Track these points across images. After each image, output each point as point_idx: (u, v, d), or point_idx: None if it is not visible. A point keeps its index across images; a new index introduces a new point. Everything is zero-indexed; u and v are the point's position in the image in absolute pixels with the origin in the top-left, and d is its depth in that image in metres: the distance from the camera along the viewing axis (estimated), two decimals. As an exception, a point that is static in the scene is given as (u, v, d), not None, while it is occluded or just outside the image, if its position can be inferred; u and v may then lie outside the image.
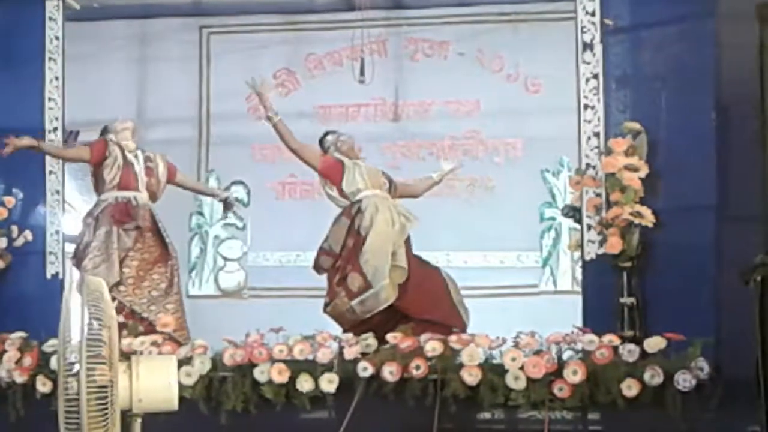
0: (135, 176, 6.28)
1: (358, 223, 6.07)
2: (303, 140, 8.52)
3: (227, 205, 6.82)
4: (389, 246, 5.99)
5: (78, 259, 6.25)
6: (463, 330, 5.75)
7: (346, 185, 6.19)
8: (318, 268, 6.24)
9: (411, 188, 6.58)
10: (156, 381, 3.22)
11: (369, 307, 5.89)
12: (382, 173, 6.38)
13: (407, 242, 6.16)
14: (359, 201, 6.14)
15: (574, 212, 5.82)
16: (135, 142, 6.37)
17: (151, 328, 5.90)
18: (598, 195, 5.51)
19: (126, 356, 3.34)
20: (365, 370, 5.14)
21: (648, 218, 5.29)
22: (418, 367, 5.08)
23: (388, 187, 6.31)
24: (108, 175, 6.25)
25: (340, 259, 6.08)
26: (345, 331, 5.77)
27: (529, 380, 4.99)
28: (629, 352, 5.00)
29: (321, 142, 6.43)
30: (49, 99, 6.39)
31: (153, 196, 6.39)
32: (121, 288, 6.10)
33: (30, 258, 6.27)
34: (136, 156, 6.33)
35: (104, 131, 6.39)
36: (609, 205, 5.41)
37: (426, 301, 6.00)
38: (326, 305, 6.09)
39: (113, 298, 5.98)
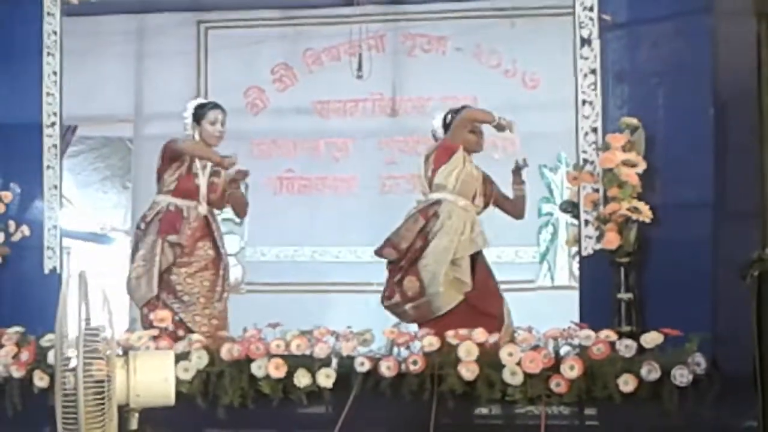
0: (196, 186, 6.20)
1: (431, 226, 5.89)
2: (299, 135, 8.60)
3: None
4: (450, 254, 5.81)
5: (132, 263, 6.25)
6: None
7: (439, 175, 6.00)
8: (380, 255, 6.03)
9: (511, 204, 6.37)
10: (153, 376, 3.23)
11: (423, 314, 5.80)
12: (484, 183, 6.15)
13: (478, 263, 5.97)
14: (438, 203, 5.95)
15: (571, 208, 5.82)
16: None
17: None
18: (596, 190, 5.51)
19: (123, 351, 3.35)
20: (362, 365, 5.14)
21: (645, 214, 5.29)
22: (415, 363, 5.08)
23: (482, 202, 6.12)
24: (169, 177, 6.19)
25: (404, 259, 5.89)
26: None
27: (526, 375, 4.99)
28: (626, 348, 5.01)
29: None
30: (47, 94, 6.37)
31: (216, 206, 6.34)
32: (170, 296, 6.08)
33: (27, 253, 6.26)
34: (205, 166, 6.25)
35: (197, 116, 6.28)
36: (606, 200, 5.41)
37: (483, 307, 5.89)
38: (383, 298, 5.97)
39: (164, 306, 6.03)
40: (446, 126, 6.17)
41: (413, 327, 5.75)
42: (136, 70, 8.61)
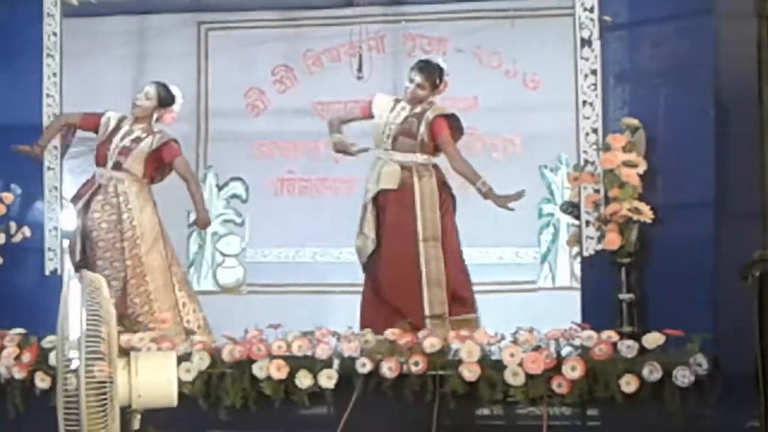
0: (106, 153, 6.29)
1: None
2: (300, 137, 8.60)
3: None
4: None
5: None
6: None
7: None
8: None
9: (456, 160, 6.30)
10: (155, 377, 3.22)
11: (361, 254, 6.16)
12: (407, 121, 6.27)
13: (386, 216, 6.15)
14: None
15: (572, 208, 5.82)
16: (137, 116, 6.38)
17: None
18: (597, 191, 5.51)
19: (125, 352, 3.34)
20: (364, 366, 5.14)
21: (646, 214, 5.29)
22: (416, 363, 5.08)
23: (393, 141, 6.25)
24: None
25: None
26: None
27: (528, 376, 5.00)
28: (628, 348, 5.01)
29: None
30: (47, 95, 6.38)
31: (133, 175, 6.28)
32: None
33: (28, 254, 6.27)
34: (130, 133, 6.30)
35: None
36: (607, 201, 5.41)
37: (392, 283, 6.03)
38: None
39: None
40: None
41: None
42: (136, 71, 8.60)
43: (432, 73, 6.28)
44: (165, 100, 6.42)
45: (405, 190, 6.11)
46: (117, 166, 6.26)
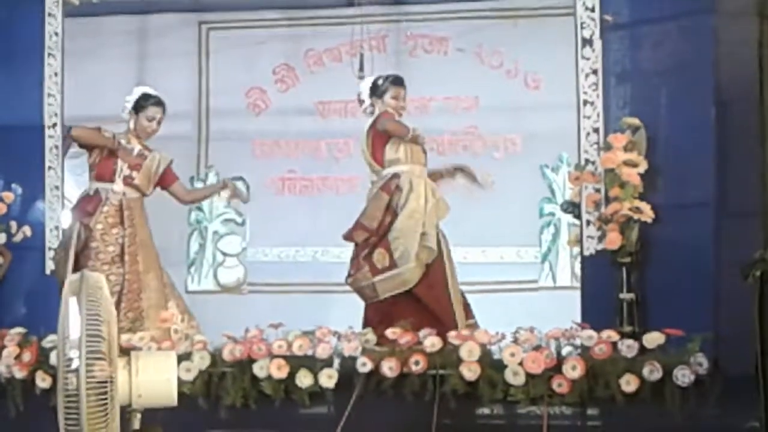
0: (113, 168, 6.16)
1: (396, 200, 6.05)
2: (301, 136, 8.60)
3: (232, 190, 6.45)
4: (419, 227, 5.98)
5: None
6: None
7: (387, 152, 6.17)
8: (350, 239, 6.20)
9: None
10: (155, 376, 3.22)
11: (390, 287, 5.95)
12: (422, 149, 6.25)
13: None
14: (397, 176, 6.10)
15: (573, 208, 5.83)
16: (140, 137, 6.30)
17: None
18: (598, 191, 5.52)
19: (125, 352, 3.35)
20: (364, 365, 5.15)
21: (647, 214, 5.29)
22: (417, 363, 5.09)
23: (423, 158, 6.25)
24: (91, 161, 6.21)
25: (374, 235, 6.06)
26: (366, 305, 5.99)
27: (528, 376, 5.00)
28: (628, 348, 5.01)
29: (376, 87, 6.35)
30: (49, 95, 6.38)
31: (139, 191, 6.21)
32: None
33: (29, 254, 6.27)
34: (131, 150, 6.22)
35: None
36: (608, 200, 5.42)
37: (435, 291, 6.00)
38: (348, 276, 6.15)
39: None
40: (373, 90, 6.35)
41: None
42: (138, 70, 8.61)
43: None
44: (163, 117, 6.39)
45: None
46: (126, 181, 6.19)
